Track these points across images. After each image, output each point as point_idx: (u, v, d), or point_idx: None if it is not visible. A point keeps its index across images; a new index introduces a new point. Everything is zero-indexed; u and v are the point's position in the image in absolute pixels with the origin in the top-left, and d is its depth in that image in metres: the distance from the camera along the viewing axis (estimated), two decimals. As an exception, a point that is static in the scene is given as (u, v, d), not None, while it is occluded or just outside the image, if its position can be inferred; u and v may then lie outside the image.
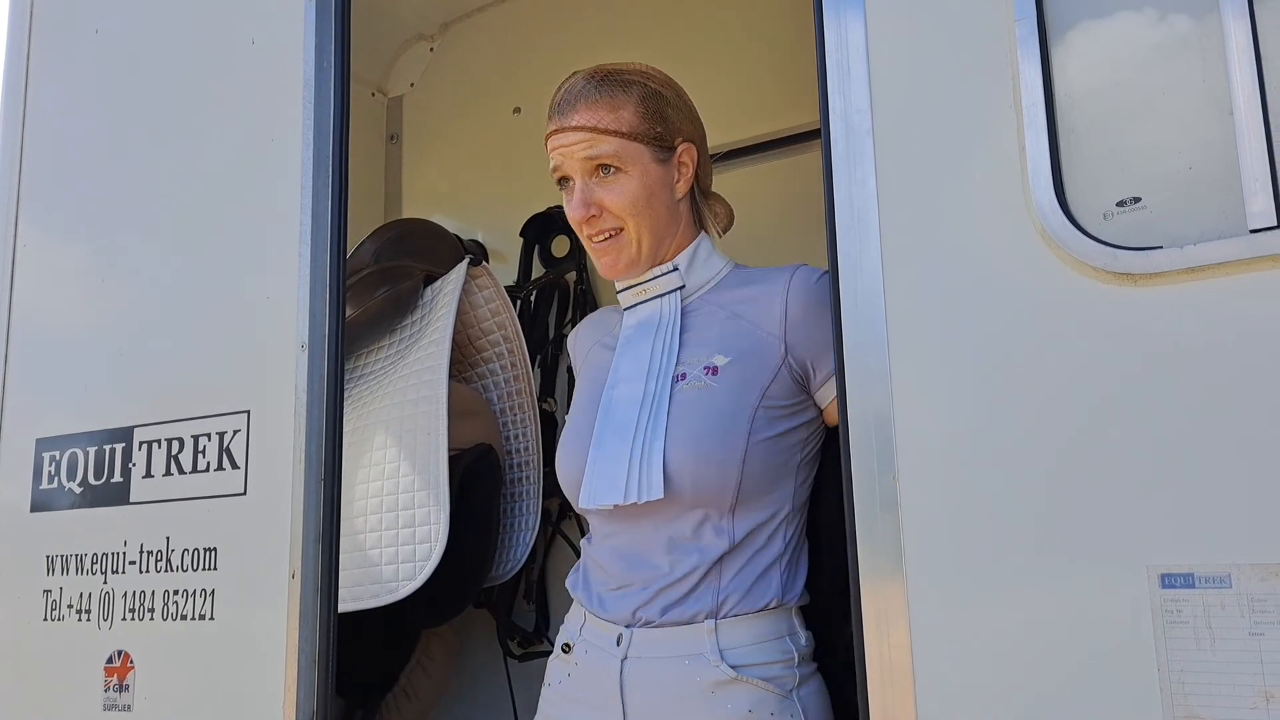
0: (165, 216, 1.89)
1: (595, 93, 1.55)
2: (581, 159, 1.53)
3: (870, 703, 1.12)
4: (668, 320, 1.55)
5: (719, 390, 1.45)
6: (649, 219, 1.54)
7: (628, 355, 1.56)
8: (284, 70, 1.78)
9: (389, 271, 2.32)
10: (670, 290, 1.57)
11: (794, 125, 2.53)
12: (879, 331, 1.18)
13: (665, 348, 1.52)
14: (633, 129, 1.53)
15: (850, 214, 1.22)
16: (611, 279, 1.60)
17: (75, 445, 1.90)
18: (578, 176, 1.54)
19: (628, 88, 1.56)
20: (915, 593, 1.11)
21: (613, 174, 1.53)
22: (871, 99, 1.23)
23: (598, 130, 1.52)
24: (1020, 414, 1.08)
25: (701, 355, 1.49)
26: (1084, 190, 1.09)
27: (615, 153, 1.52)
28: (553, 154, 1.57)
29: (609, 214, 1.53)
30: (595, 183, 1.53)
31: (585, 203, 1.53)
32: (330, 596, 1.60)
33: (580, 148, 1.53)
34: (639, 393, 1.49)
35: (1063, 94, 1.12)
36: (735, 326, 1.51)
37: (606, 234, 1.54)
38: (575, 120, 1.54)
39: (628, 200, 1.52)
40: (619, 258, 1.55)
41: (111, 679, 1.76)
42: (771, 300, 1.50)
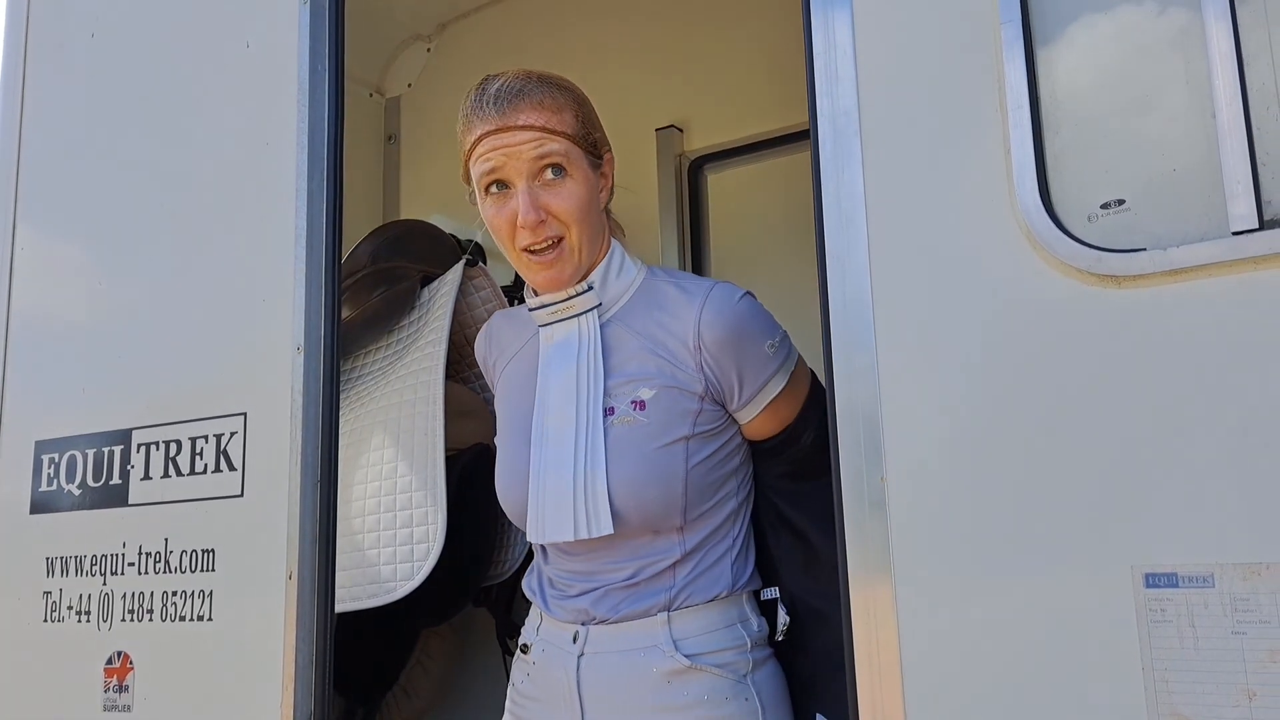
0: (162, 219, 1.90)
1: (538, 93, 1.47)
2: (530, 159, 1.43)
3: (859, 700, 1.13)
4: (588, 343, 1.49)
5: (649, 425, 1.42)
6: (588, 227, 1.47)
7: (552, 381, 1.50)
8: (279, 73, 1.79)
9: (386, 272, 2.33)
10: (587, 310, 1.49)
11: (787, 125, 2.54)
12: (867, 331, 1.18)
13: (590, 373, 1.46)
14: (575, 132, 1.48)
15: (838, 215, 1.22)
16: (552, 290, 1.49)
17: (74, 447, 1.91)
18: (520, 180, 1.44)
19: (564, 90, 1.50)
20: (903, 591, 1.12)
21: (561, 177, 1.45)
22: (859, 101, 1.23)
23: (547, 130, 1.44)
24: (1006, 414, 1.09)
25: (627, 388, 1.45)
26: (1069, 192, 1.09)
27: (565, 153, 1.45)
28: (490, 155, 1.45)
29: (554, 220, 1.44)
30: (539, 186, 1.44)
31: (534, 206, 1.42)
32: (327, 597, 1.61)
33: (529, 147, 1.43)
34: (570, 425, 1.45)
35: (1047, 96, 1.13)
36: (654, 360, 1.46)
37: (548, 241, 1.44)
38: (522, 119, 1.44)
39: (574, 205, 1.45)
40: (563, 269, 1.46)
41: (111, 680, 1.77)
42: (685, 333, 1.45)
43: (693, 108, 2.76)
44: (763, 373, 1.45)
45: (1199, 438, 1.00)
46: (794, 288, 2.65)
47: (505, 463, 1.53)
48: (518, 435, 1.51)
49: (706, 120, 2.74)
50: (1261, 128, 1.01)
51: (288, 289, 1.70)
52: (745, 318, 1.46)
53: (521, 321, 1.63)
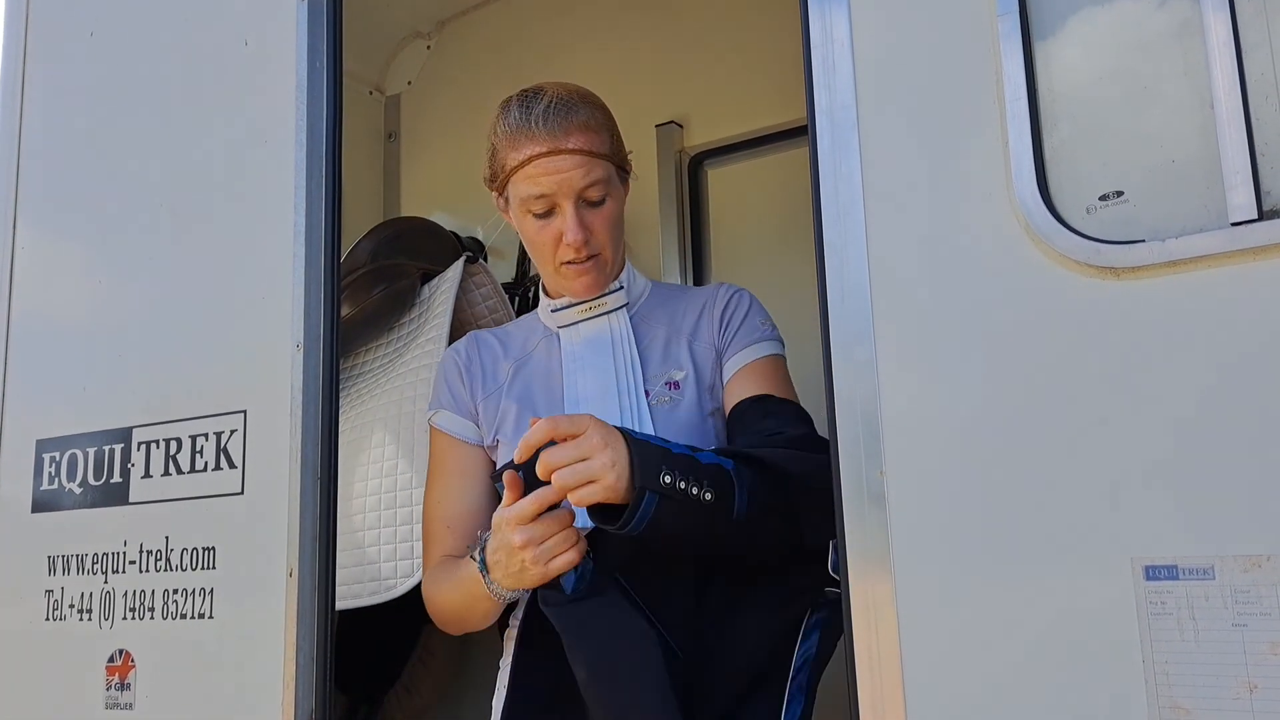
0: (161, 217, 1.90)
1: (584, 113, 1.51)
2: (581, 185, 1.49)
3: (860, 695, 1.13)
4: (621, 337, 1.57)
5: (685, 400, 1.53)
6: (618, 241, 1.58)
7: (587, 374, 1.54)
8: (278, 71, 1.79)
9: (386, 270, 2.33)
10: (618, 307, 1.60)
11: (787, 120, 2.54)
12: (865, 325, 1.18)
13: (628, 364, 1.54)
14: (612, 152, 1.54)
15: (836, 208, 1.22)
16: (580, 297, 1.60)
17: (75, 446, 1.92)
18: (568, 203, 1.50)
19: (602, 111, 1.55)
20: (903, 586, 1.12)
21: (600, 203, 1.52)
22: (856, 94, 1.23)
23: (594, 154, 1.49)
24: (1005, 407, 1.09)
25: (660, 372, 1.56)
26: (1067, 184, 1.09)
27: (607, 179, 1.52)
28: (540, 179, 1.49)
29: (594, 240, 1.53)
30: (585, 208, 1.51)
31: (581, 226, 1.49)
32: (328, 594, 1.61)
33: (579, 174, 1.48)
34: (614, 411, 1.50)
35: (1045, 88, 1.12)
36: (678, 344, 1.59)
37: (589, 257, 1.54)
38: (573, 143, 1.48)
39: (610, 225, 1.54)
40: (599, 277, 1.57)
41: (113, 678, 1.77)
42: (703, 310, 1.61)
43: (693, 103, 2.75)
44: (753, 335, 1.59)
45: (1199, 429, 1.00)
46: (794, 283, 2.65)
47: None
48: None
49: (707, 116, 2.74)
50: (1260, 118, 1.01)
51: (287, 286, 1.70)
52: (752, 299, 1.65)
53: (509, 333, 1.70)
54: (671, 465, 1.25)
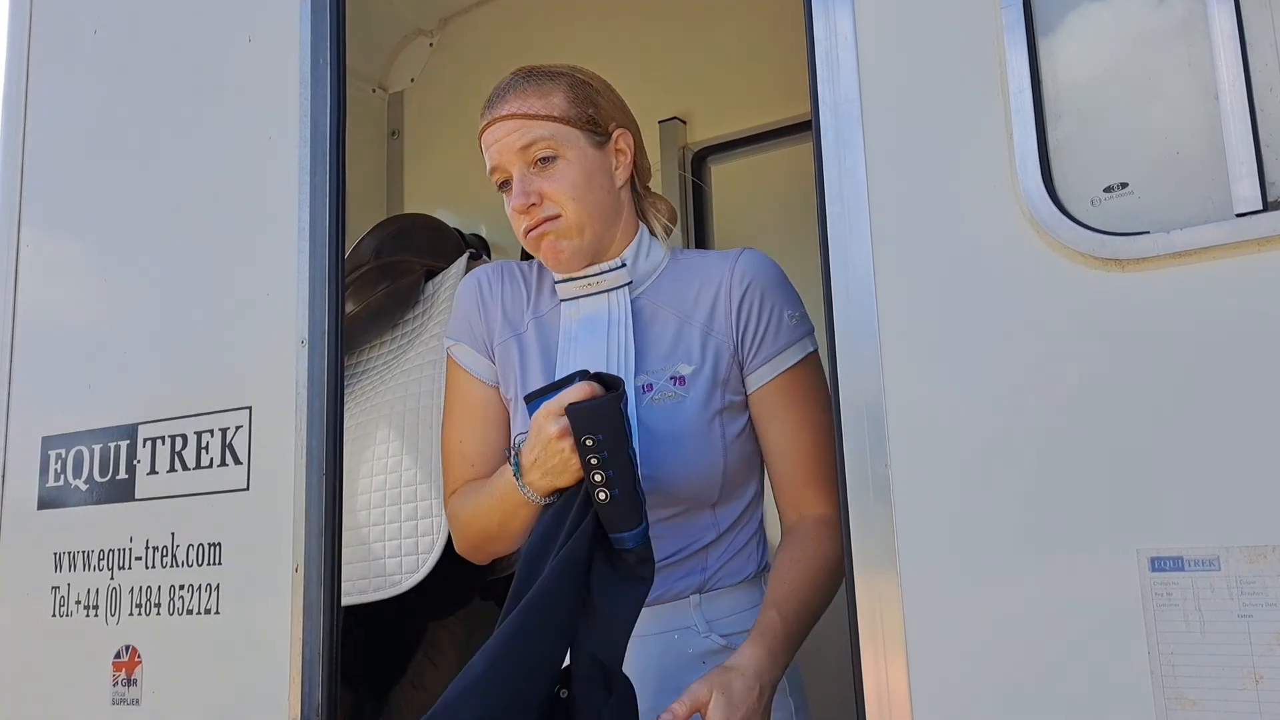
0: (166, 214, 1.90)
1: (523, 84, 1.52)
2: (517, 148, 1.48)
3: (865, 689, 1.13)
4: (618, 319, 1.50)
5: (689, 400, 1.45)
6: (589, 204, 1.49)
7: (578, 355, 1.50)
8: (280, 67, 1.79)
9: (390, 267, 2.33)
10: (618, 286, 1.52)
11: (790, 116, 2.54)
12: (869, 318, 1.18)
13: (621, 348, 1.48)
14: (564, 113, 1.50)
15: (840, 202, 1.22)
16: (557, 270, 1.53)
17: (81, 443, 1.92)
18: (515, 169, 1.49)
19: (554, 78, 1.53)
20: (908, 578, 1.12)
21: (551, 163, 1.48)
22: (860, 88, 1.23)
23: (528, 116, 1.49)
24: (1010, 399, 1.09)
25: (665, 364, 1.48)
26: (1071, 176, 1.09)
27: (550, 136, 1.48)
28: (488, 152, 1.52)
29: (548, 201, 1.47)
30: (534, 173, 1.48)
31: (524, 191, 1.46)
32: (333, 590, 1.62)
33: (514, 137, 1.48)
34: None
35: (1049, 80, 1.12)
36: (690, 332, 1.49)
37: (546, 221, 1.48)
38: (504, 110, 1.50)
39: (566, 185, 1.48)
40: (559, 248, 1.49)
41: (120, 674, 1.78)
42: (718, 285, 1.50)
43: (696, 99, 2.75)
44: (781, 338, 1.49)
45: (1204, 420, 1.00)
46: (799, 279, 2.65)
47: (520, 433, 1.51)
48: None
49: (709, 112, 2.74)
50: (1265, 109, 1.01)
51: (291, 283, 1.70)
52: (775, 274, 1.54)
53: (542, 276, 1.62)
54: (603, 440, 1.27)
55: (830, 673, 1.45)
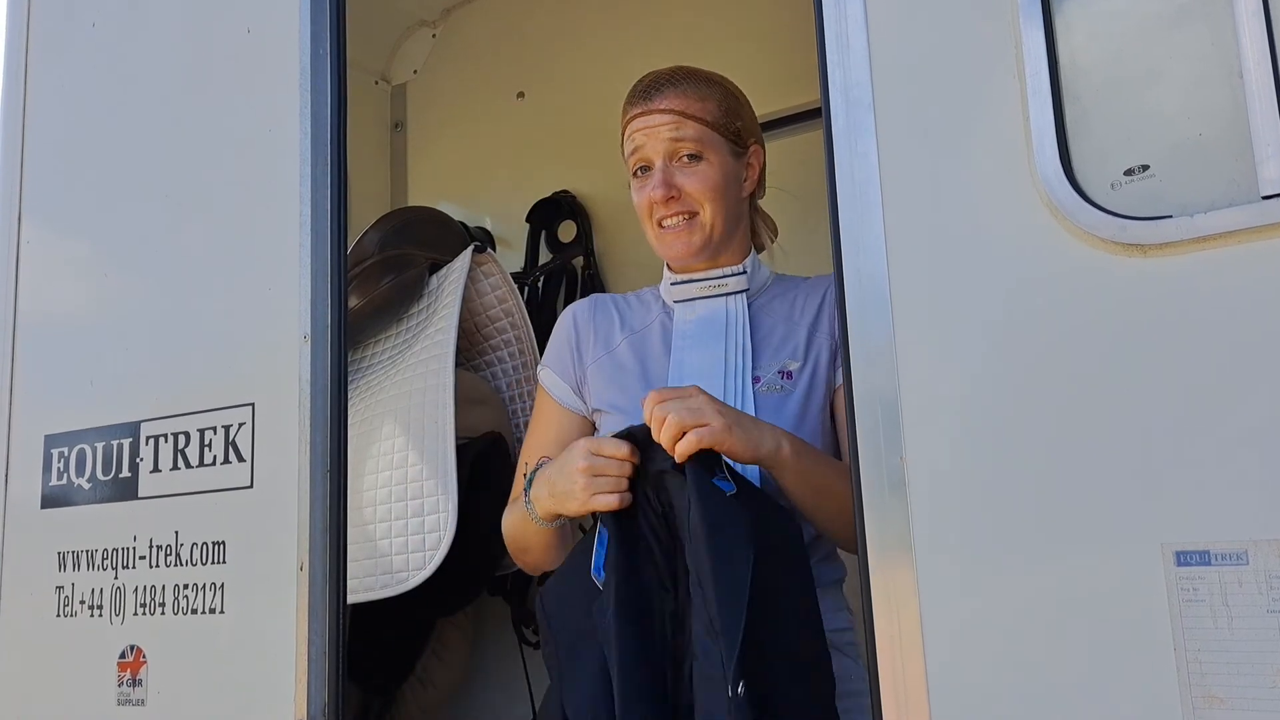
0: (166, 209, 1.88)
1: (683, 82, 1.62)
2: (667, 139, 1.58)
3: (881, 686, 1.10)
4: (736, 321, 1.60)
5: (795, 393, 1.54)
6: (722, 207, 1.59)
7: (694, 351, 1.59)
8: (281, 58, 1.76)
9: (393, 260, 2.31)
10: (738, 291, 1.62)
11: (790, 105, 2.50)
12: (883, 308, 1.15)
13: (740, 348, 1.57)
14: (716, 120, 1.60)
15: (852, 188, 1.19)
16: (679, 265, 1.63)
17: (83, 441, 1.90)
18: (658, 159, 1.59)
19: (710, 84, 1.64)
20: (925, 573, 1.09)
21: (696, 161, 1.58)
22: (871, 71, 1.20)
23: (685, 115, 1.58)
24: (1028, 389, 1.06)
25: (774, 360, 1.58)
26: (1090, 160, 1.06)
27: (699, 137, 1.58)
28: (633, 135, 1.61)
29: (687, 197, 1.58)
30: (676, 167, 1.58)
31: (666, 183, 1.56)
32: (339, 588, 1.59)
33: (667, 129, 1.58)
34: (719, 390, 1.52)
35: (1067, 61, 1.09)
36: (797, 335, 1.60)
37: (682, 215, 1.58)
38: (663, 104, 1.59)
39: (708, 185, 1.58)
40: (691, 241, 1.59)
41: (125, 674, 1.76)
42: (822, 305, 1.61)
43: (701, 88, 2.71)
44: None
45: (1230, 410, 0.97)
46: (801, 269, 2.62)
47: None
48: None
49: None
50: (1292, 88, 0.98)
51: (293, 277, 1.68)
52: None
53: (630, 303, 1.74)
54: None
55: (844, 670, 1.42)
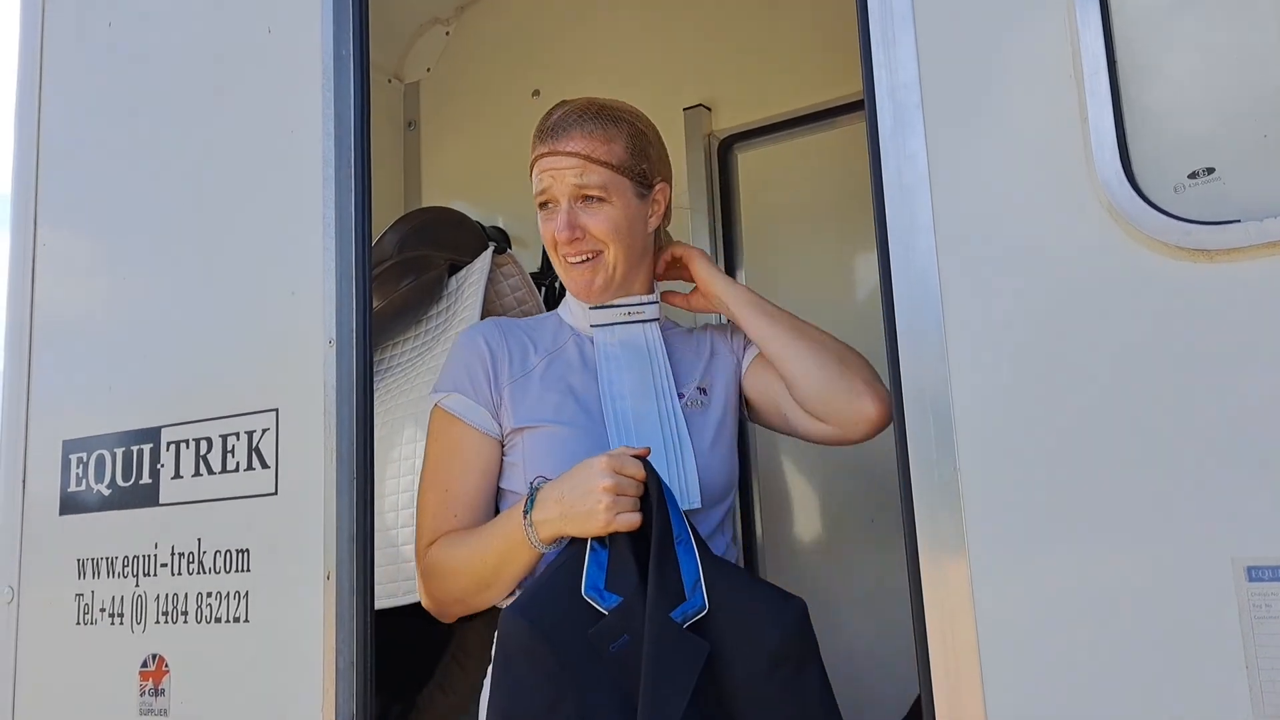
0: (186, 212, 1.85)
1: (591, 123, 1.64)
2: (572, 184, 1.62)
3: (935, 701, 1.07)
4: (655, 346, 1.68)
5: (712, 407, 1.66)
6: (625, 246, 1.64)
7: (622, 373, 1.64)
8: (302, 59, 1.74)
9: (413, 262, 2.28)
10: (653, 319, 1.71)
11: (819, 102, 2.47)
12: (934, 312, 1.12)
13: (663, 371, 1.65)
14: (621, 163, 1.63)
15: (899, 191, 1.16)
16: (584, 300, 1.68)
17: (102, 447, 1.87)
18: (563, 200, 1.63)
19: (618, 123, 1.66)
20: (980, 577, 1.06)
21: (600, 204, 1.62)
22: (920, 71, 1.17)
23: (591, 159, 1.62)
24: (1089, 398, 1.03)
25: (690, 379, 1.69)
26: (1152, 162, 1.03)
27: (603, 184, 1.61)
28: (541, 175, 1.65)
29: (591, 237, 1.62)
30: (580, 207, 1.62)
31: (570, 225, 1.61)
32: (366, 597, 1.57)
33: (572, 174, 1.61)
34: (652, 411, 1.60)
35: (1126, 59, 1.06)
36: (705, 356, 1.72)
37: (585, 255, 1.63)
38: (570, 146, 1.62)
39: (610, 226, 1.62)
40: (594, 279, 1.64)
41: (146, 683, 1.73)
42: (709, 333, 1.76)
43: (721, 86, 2.69)
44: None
45: (1304, 421, 0.94)
46: (827, 268, 2.60)
47: (567, 438, 1.58)
48: (580, 418, 1.60)
49: (735, 98, 2.68)
50: (1364, 88, 0.95)
51: (317, 280, 1.65)
52: None
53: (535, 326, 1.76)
54: None
55: (894, 671, 1.40)
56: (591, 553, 1.41)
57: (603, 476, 1.40)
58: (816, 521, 2.56)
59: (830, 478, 2.54)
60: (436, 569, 1.60)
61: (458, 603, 1.63)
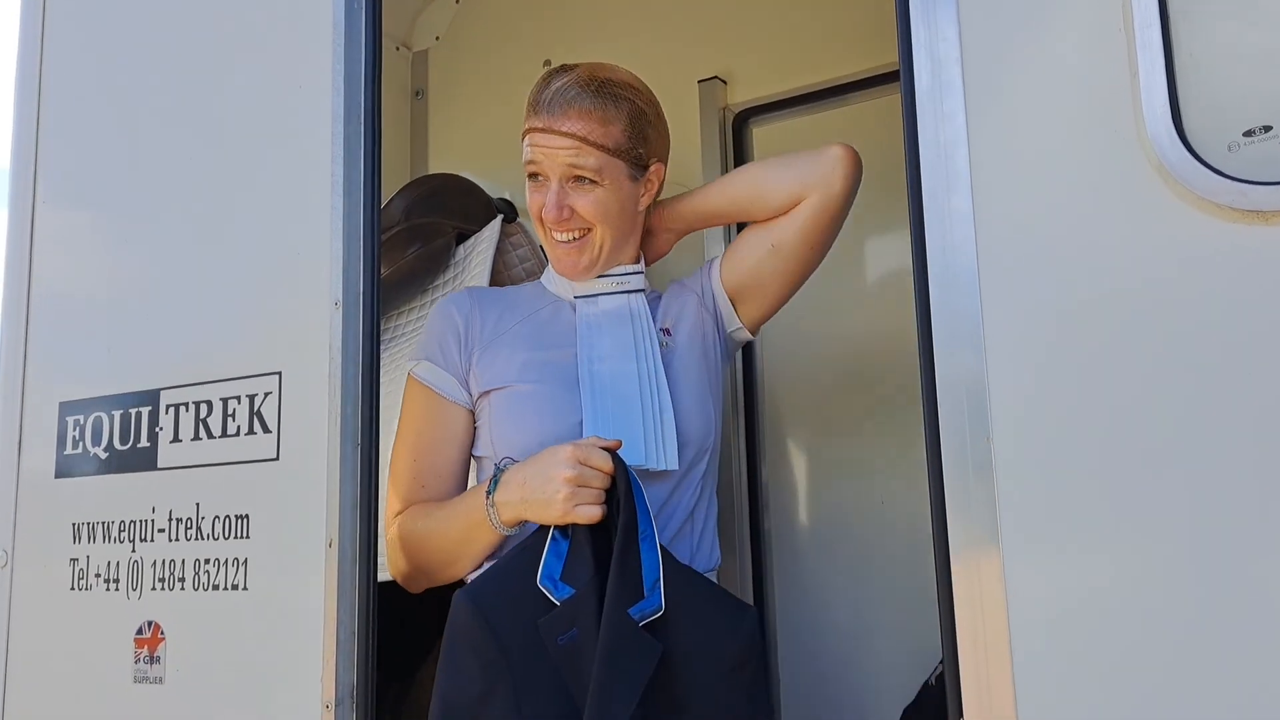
0: (189, 170, 1.80)
1: (590, 101, 1.58)
2: (564, 164, 1.57)
3: (964, 694, 1.03)
4: (640, 313, 1.65)
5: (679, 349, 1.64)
6: (614, 227, 1.62)
7: (602, 336, 1.62)
8: (312, 14, 1.69)
9: (420, 229, 2.23)
10: (638, 289, 1.68)
11: (837, 76, 2.42)
12: (970, 281, 1.08)
13: (646, 333, 1.62)
14: (618, 146, 1.59)
15: (936, 152, 1.12)
16: (569, 278, 1.66)
17: (99, 409, 1.83)
18: (554, 177, 1.59)
19: (619, 103, 1.60)
20: (1012, 566, 1.02)
21: (591, 185, 1.58)
22: (960, 26, 1.12)
23: (587, 142, 1.57)
24: (1136, 368, 0.98)
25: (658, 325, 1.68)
26: (1205, 120, 0.98)
27: (598, 167, 1.57)
28: (533, 149, 1.60)
29: (578, 216, 1.59)
30: (570, 187, 1.59)
31: (559, 205, 1.58)
32: (370, 566, 1.53)
33: (566, 154, 1.57)
34: (633, 370, 1.58)
35: (1178, 12, 1.01)
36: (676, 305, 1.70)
37: (573, 234, 1.61)
38: (566, 126, 1.57)
39: (600, 210, 1.59)
40: (580, 258, 1.62)
41: (142, 650, 1.69)
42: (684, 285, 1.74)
43: (737, 58, 2.63)
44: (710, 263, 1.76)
45: (1365, 392, 0.89)
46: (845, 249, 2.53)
47: (541, 401, 1.56)
48: (548, 378, 1.59)
49: (751, 71, 2.62)
50: None
51: (324, 241, 1.60)
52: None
53: (512, 293, 1.75)
54: None
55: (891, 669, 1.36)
56: (552, 542, 1.40)
57: (566, 467, 1.38)
58: (824, 506, 2.52)
59: (839, 463, 2.49)
60: (403, 540, 1.61)
61: (423, 575, 1.64)
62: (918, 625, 2.19)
